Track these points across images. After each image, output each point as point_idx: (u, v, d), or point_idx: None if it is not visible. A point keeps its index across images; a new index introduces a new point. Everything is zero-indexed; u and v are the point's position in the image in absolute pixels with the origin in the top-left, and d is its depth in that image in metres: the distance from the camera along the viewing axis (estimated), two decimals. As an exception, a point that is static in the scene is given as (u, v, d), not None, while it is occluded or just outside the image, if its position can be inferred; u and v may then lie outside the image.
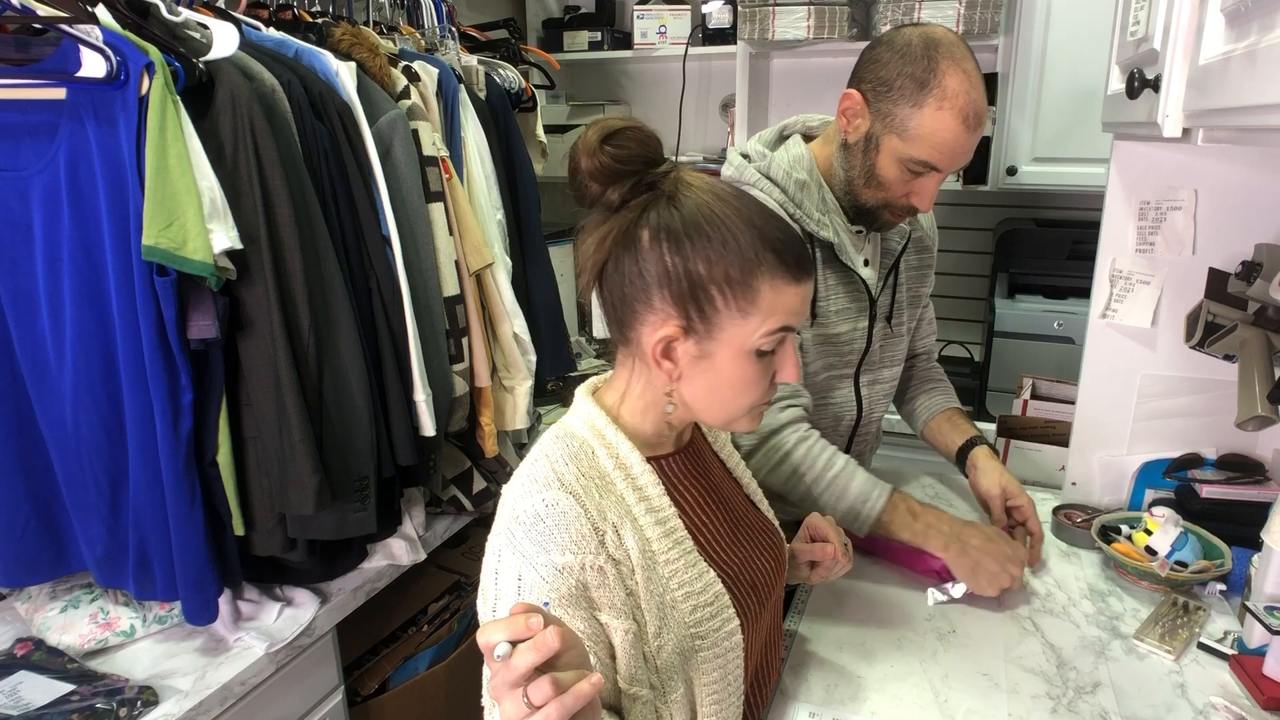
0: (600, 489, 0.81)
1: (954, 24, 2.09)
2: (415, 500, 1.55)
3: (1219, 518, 1.33)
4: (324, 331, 1.19)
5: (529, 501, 0.78)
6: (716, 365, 0.81)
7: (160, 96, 1.02)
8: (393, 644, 1.62)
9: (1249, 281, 1.17)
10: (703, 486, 0.93)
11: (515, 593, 0.76)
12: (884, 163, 1.17)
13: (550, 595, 0.74)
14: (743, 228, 0.78)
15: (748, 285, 0.78)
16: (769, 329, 0.79)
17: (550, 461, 0.81)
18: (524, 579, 0.75)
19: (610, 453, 0.84)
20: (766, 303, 0.78)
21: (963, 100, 1.10)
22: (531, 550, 0.76)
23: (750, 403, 0.84)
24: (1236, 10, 0.75)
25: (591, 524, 0.77)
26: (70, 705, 1.06)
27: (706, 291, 0.78)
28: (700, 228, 0.77)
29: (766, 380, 0.83)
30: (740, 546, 0.93)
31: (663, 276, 0.78)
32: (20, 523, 1.18)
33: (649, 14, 2.55)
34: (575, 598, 0.75)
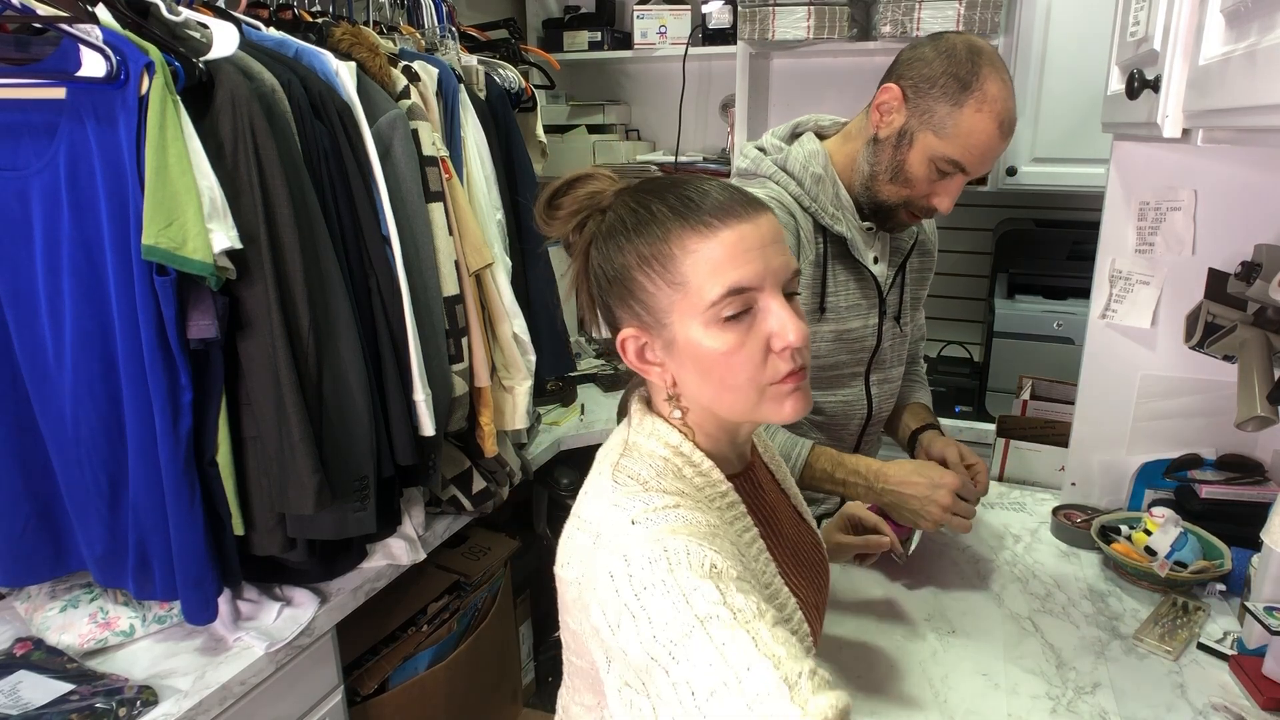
0: (694, 501, 0.75)
1: (954, 24, 2.09)
2: (415, 500, 1.55)
3: (1218, 518, 1.33)
4: (324, 331, 1.19)
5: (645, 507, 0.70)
6: (687, 349, 0.75)
7: (160, 96, 1.02)
8: (392, 644, 1.62)
9: (1248, 282, 1.17)
10: (767, 506, 0.90)
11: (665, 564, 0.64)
12: (915, 159, 1.19)
13: (707, 543, 0.66)
14: (648, 203, 0.76)
15: (662, 255, 0.73)
16: (715, 294, 0.72)
17: (640, 481, 0.75)
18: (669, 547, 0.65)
19: (696, 471, 0.79)
20: (689, 267, 0.72)
21: (1000, 106, 1.13)
22: (663, 531, 0.67)
23: (748, 380, 0.74)
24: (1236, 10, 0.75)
25: (709, 525, 0.71)
26: (70, 705, 1.06)
27: (634, 280, 0.75)
28: (614, 226, 0.77)
29: (753, 352, 0.74)
30: (803, 567, 0.90)
31: (606, 286, 0.78)
32: (20, 522, 1.18)
33: (649, 14, 2.55)
34: (729, 549, 0.69)
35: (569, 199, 0.80)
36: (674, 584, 0.62)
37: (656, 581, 0.63)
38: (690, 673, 0.58)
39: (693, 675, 0.58)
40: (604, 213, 0.79)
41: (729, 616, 0.60)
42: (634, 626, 0.63)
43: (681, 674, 0.59)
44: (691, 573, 0.63)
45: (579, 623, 0.74)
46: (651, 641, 0.61)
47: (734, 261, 0.72)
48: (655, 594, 0.63)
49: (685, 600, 0.61)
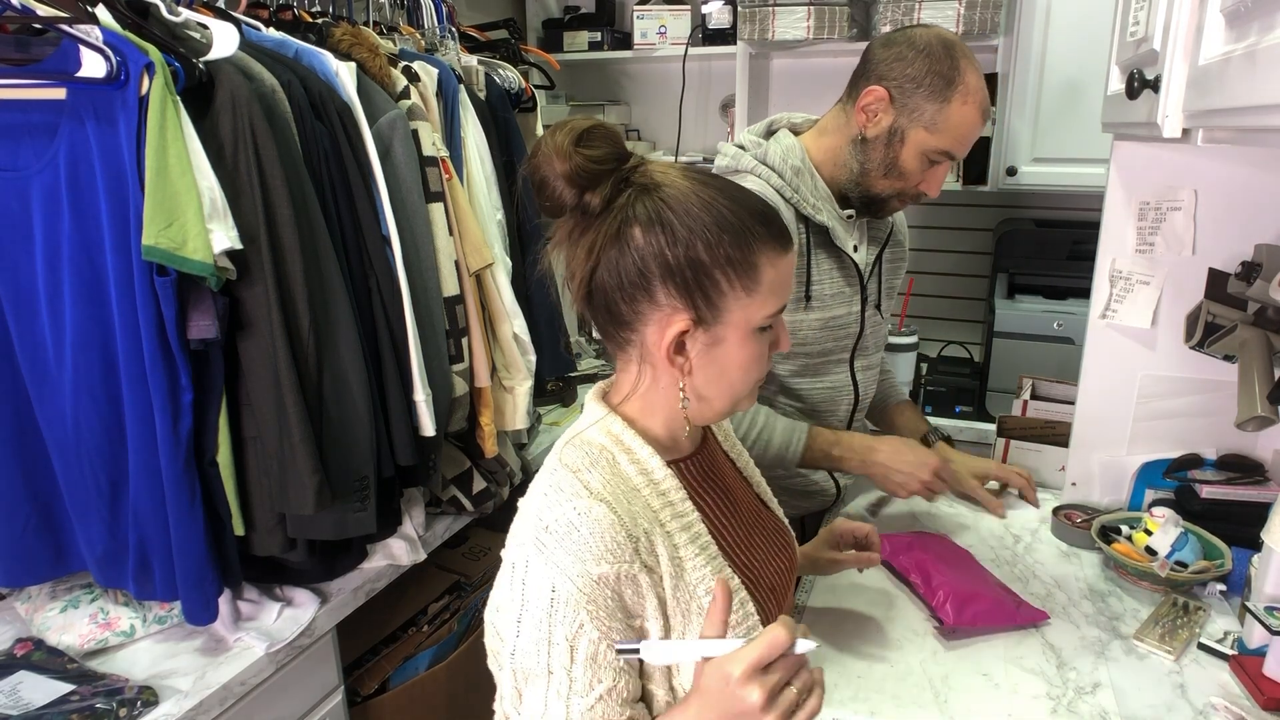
0: (627, 496, 0.78)
1: (954, 24, 2.09)
2: (415, 500, 1.55)
3: (1219, 518, 1.33)
4: (324, 331, 1.19)
5: (559, 510, 0.75)
6: (727, 350, 0.80)
7: (160, 96, 1.02)
8: (392, 644, 1.62)
9: (1249, 282, 1.17)
10: (719, 489, 0.92)
11: (548, 604, 0.73)
12: (908, 154, 1.25)
13: (587, 607, 0.72)
14: (731, 206, 0.77)
15: (748, 263, 0.77)
16: (772, 309, 0.80)
17: (572, 470, 0.79)
18: (558, 590, 0.73)
19: (631, 459, 0.82)
20: (767, 278, 0.78)
21: (980, 94, 1.22)
22: (566, 561, 0.73)
23: (755, 379, 0.84)
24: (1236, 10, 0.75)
25: (626, 531, 0.75)
26: (70, 705, 1.06)
27: (711, 277, 0.76)
28: (692, 213, 0.76)
29: (767, 355, 0.84)
30: (758, 549, 0.93)
31: (665, 270, 0.76)
32: (20, 522, 1.18)
33: (649, 14, 2.55)
34: (612, 609, 0.74)
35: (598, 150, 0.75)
36: (546, 626, 0.73)
37: (536, 612, 0.74)
38: (528, 700, 0.76)
39: (528, 705, 0.76)
40: (651, 189, 0.76)
41: (563, 680, 0.74)
42: (510, 631, 0.76)
43: (525, 695, 0.77)
44: (561, 626, 0.73)
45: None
46: (512, 656, 0.76)
47: (788, 282, 0.81)
48: (529, 622, 0.74)
49: (547, 645, 0.73)
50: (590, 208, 0.76)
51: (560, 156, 0.74)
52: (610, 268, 0.77)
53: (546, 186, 0.76)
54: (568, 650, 0.73)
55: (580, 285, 0.79)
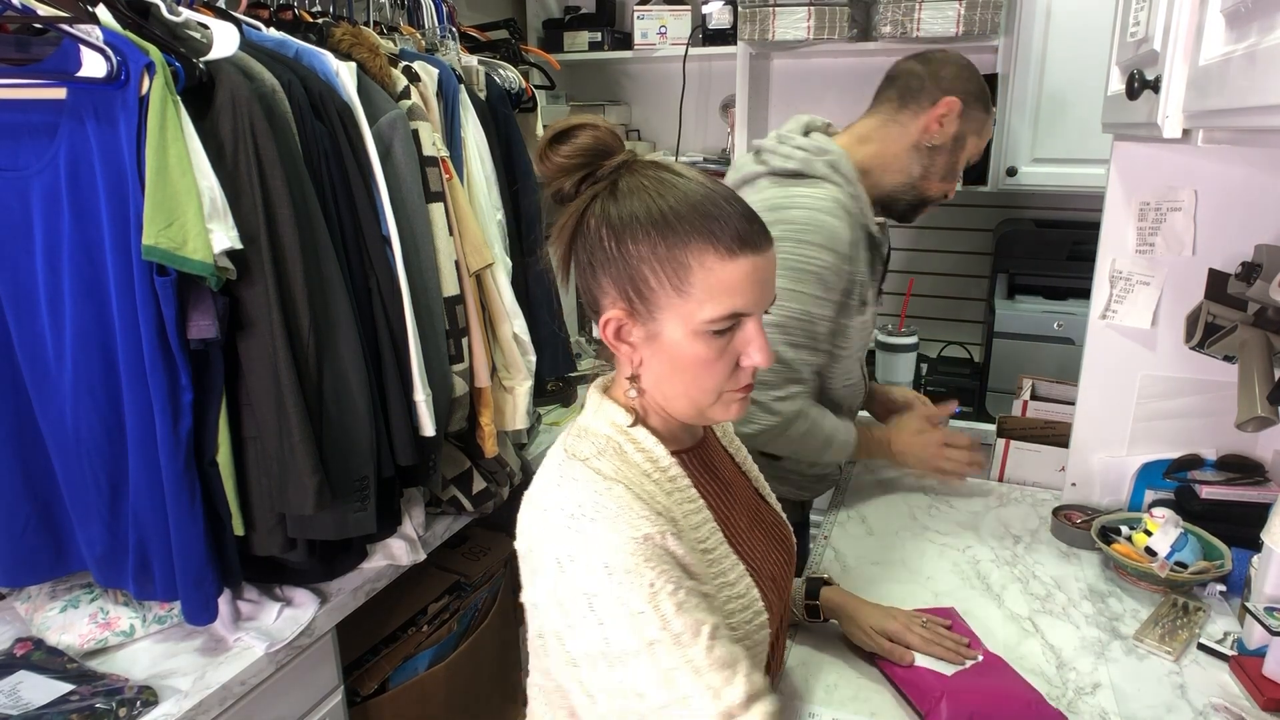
0: (636, 479, 0.80)
1: (954, 24, 2.09)
2: (415, 500, 1.55)
3: (1219, 518, 1.33)
4: (324, 331, 1.19)
5: (581, 495, 0.76)
6: (666, 346, 0.80)
7: (160, 96, 1.02)
8: (392, 644, 1.63)
9: (1249, 282, 1.16)
10: (719, 481, 0.94)
11: (609, 581, 0.71)
12: (962, 160, 1.41)
13: (647, 565, 0.72)
14: (676, 206, 0.77)
15: (678, 262, 0.77)
16: (714, 313, 0.77)
17: (581, 459, 0.80)
18: (612, 564, 0.72)
19: (638, 448, 0.83)
20: (700, 280, 0.77)
21: None
22: (606, 534, 0.73)
23: (714, 387, 0.81)
24: (1236, 11, 0.75)
25: (648, 504, 0.76)
26: (70, 705, 1.06)
27: (639, 271, 0.78)
28: (633, 211, 0.78)
29: (727, 364, 0.80)
30: (758, 541, 0.94)
31: (604, 261, 0.80)
32: (20, 522, 1.18)
33: (649, 14, 2.55)
34: (674, 564, 0.74)
35: (569, 146, 0.80)
36: (620, 602, 0.71)
37: (605, 594, 0.72)
38: (638, 682, 0.71)
39: (641, 688, 0.71)
40: (611, 184, 0.80)
41: (671, 642, 0.71)
42: (585, 625, 0.72)
43: (630, 683, 0.72)
44: (634, 594, 0.71)
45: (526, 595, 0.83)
46: (604, 643, 0.72)
47: (740, 289, 0.77)
48: (606, 605, 0.72)
49: (631, 620, 0.71)
50: (566, 194, 0.82)
51: (539, 153, 0.82)
52: (575, 254, 0.83)
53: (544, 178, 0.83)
54: (653, 612, 0.71)
55: (560, 268, 0.85)
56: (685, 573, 0.75)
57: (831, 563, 1.37)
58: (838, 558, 1.38)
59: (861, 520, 1.51)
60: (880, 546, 1.42)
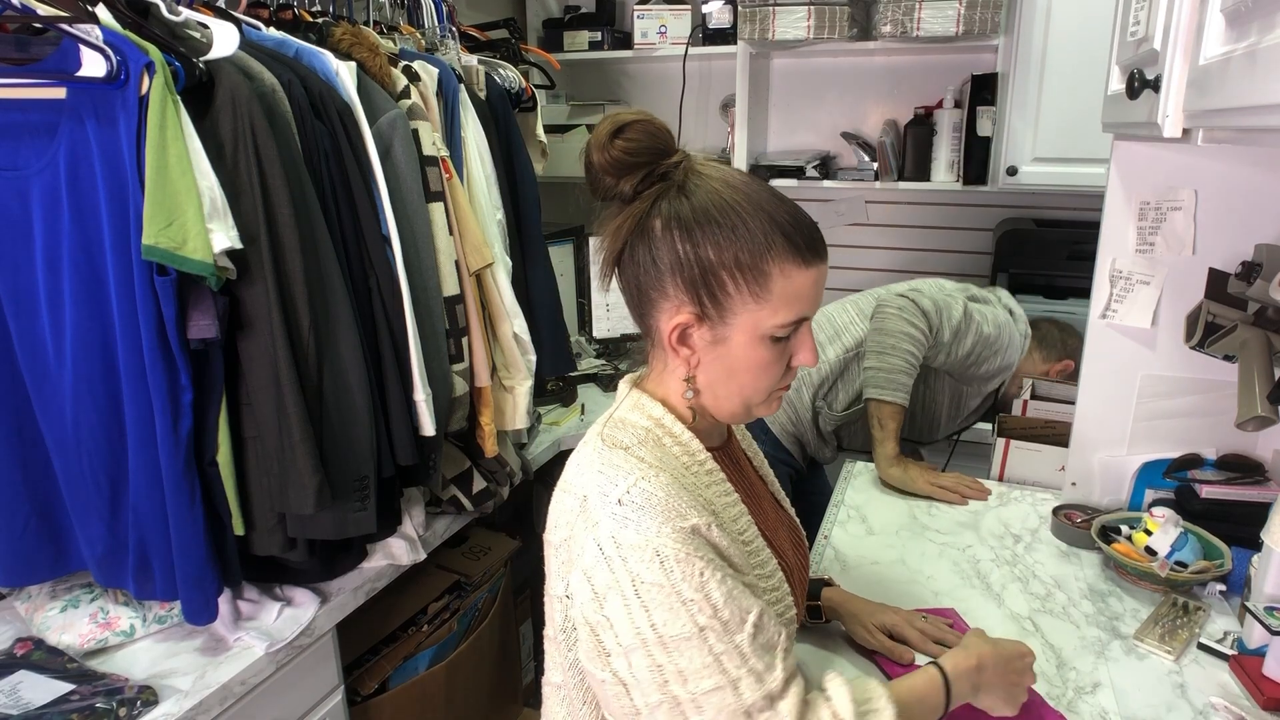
0: (679, 473, 0.81)
1: (954, 24, 2.09)
2: (415, 500, 1.55)
3: (1219, 518, 1.33)
4: (324, 331, 1.19)
5: (627, 482, 0.76)
6: (732, 350, 0.81)
7: (160, 96, 1.01)
8: (392, 644, 1.62)
9: (1249, 282, 1.17)
10: (746, 480, 0.96)
11: (660, 570, 0.72)
12: None
13: (697, 554, 0.73)
14: (752, 212, 0.78)
15: (758, 269, 0.78)
16: (785, 319, 0.80)
17: (623, 448, 0.81)
18: (663, 553, 0.72)
19: (675, 440, 0.85)
20: (779, 287, 0.79)
21: None
22: (656, 524, 0.73)
23: (768, 387, 0.84)
24: (1236, 10, 0.75)
25: (692, 496, 0.78)
26: (70, 705, 1.06)
27: (718, 277, 0.78)
28: (710, 214, 0.78)
29: (783, 365, 0.83)
30: (781, 540, 0.96)
31: (675, 264, 0.79)
32: (20, 522, 1.18)
33: (649, 14, 2.55)
34: (719, 555, 0.76)
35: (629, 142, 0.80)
36: (671, 589, 0.72)
37: (654, 582, 0.72)
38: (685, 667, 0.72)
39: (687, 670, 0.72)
40: (678, 187, 0.80)
41: (720, 629, 0.72)
42: (627, 612, 0.73)
43: (674, 666, 0.72)
44: (686, 582, 0.72)
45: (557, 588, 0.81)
46: (650, 630, 0.72)
47: (809, 295, 0.80)
48: (653, 593, 0.72)
49: (683, 607, 0.72)
50: (624, 195, 0.81)
51: (598, 147, 0.80)
52: (633, 253, 0.82)
53: (590, 170, 0.82)
54: (704, 600, 0.72)
55: (606, 264, 0.84)
56: (728, 563, 0.77)
57: (831, 562, 1.37)
58: (838, 557, 1.38)
59: (862, 520, 1.51)
60: (880, 546, 1.42)
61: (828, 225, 2.71)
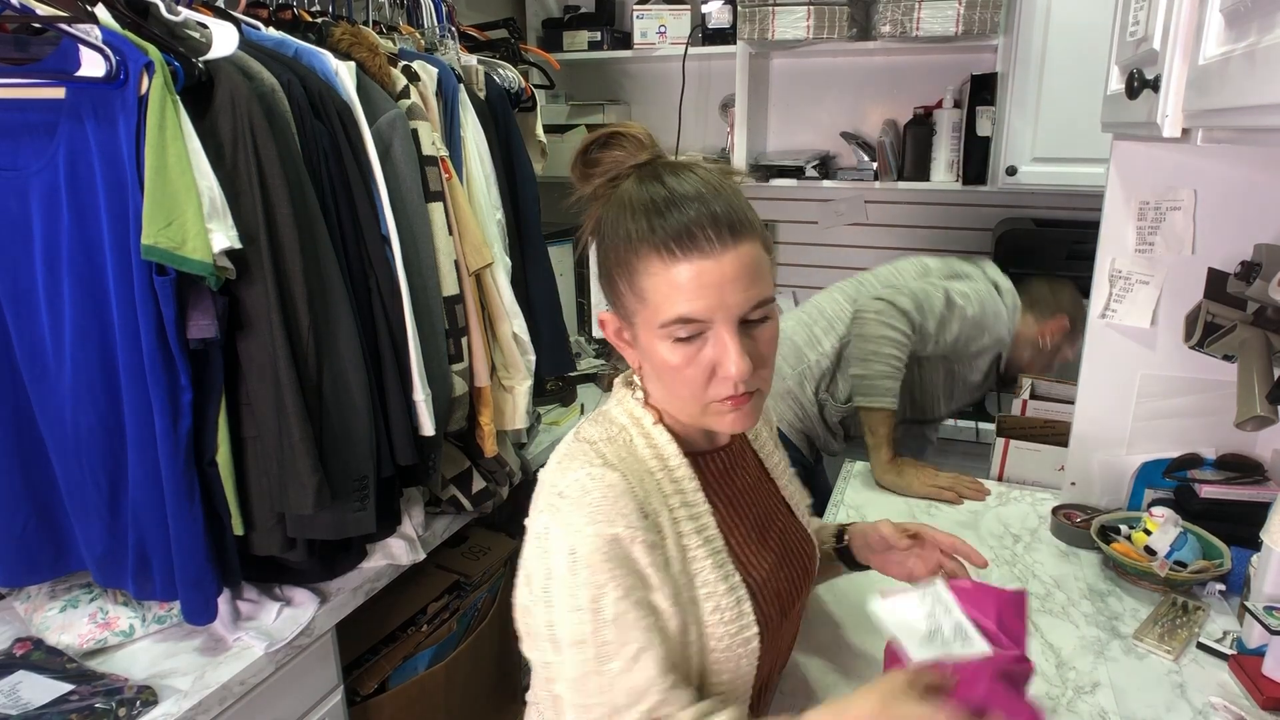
0: (636, 472, 0.80)
1: (954, 24, 2.09)
2: (414, 500, 1.55)
3: (1218, 518, 1.33)
4: (323, 331, 1.19)
5: (573, 475, 0.77)
6: (646, 349, 0.80)
7: (160, 96, 1.01)
8: (392, 644, 1.62)
9: (1248, 281, 1.17)
10: (737, 488, 0.92)
11: (570, 566, 0.74)
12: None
13: (606, 566, 0.73)
14: (636, 212, 0.77)
15: (630, 267, 0.77)
16: (666, 317, 0.75)
17: (589, 442, 0.82)
18: (577, 551, 0.74)
19: (649, 442, 0.84)
20: (649, 285, 0.76)
21: None
22: (580, 521, 0.74)
23: (690, 395, 0.79)
24: (1236, 10, 0.75)
25: (637, 502, 0.77)
26: (69, 705, 1.06)
27: (611, 277, 0.81)
28: (611, 216, 0.80)
29: (702, 371, 0.77)
30: (770, 552, 0.92)
31: (598, 265, 0.83)
32: (19, 522, 1.18)
33: (649, 14, 2.55)
34: (631, 570, 0.75)
35: (605, 156, 0.82)
36: (571, 591, 0.74)
37: (562, 578, 0.74)
38: (563, 671, 0.75)
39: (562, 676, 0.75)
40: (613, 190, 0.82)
41: (594, 648, 0.73)
42: (538, 601, 0.76)
43: (557, 665, 0.75)
44: (584, 589, 0.73)
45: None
46: (547, 627, 0.76)
47: (686, 294, 0.74)
48: (559, 589, 0.74)
49: (574, 613, 0.74)
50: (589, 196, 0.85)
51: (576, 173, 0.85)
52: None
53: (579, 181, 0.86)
54: (592, 615, 0.73)
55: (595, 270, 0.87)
56: (643, 583, 0.75)
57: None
58: (837, 557, 1.38)
59: (861, 519, 1.51)
60: (880, 546, 1.41)
61: (827, 225, 2.71)
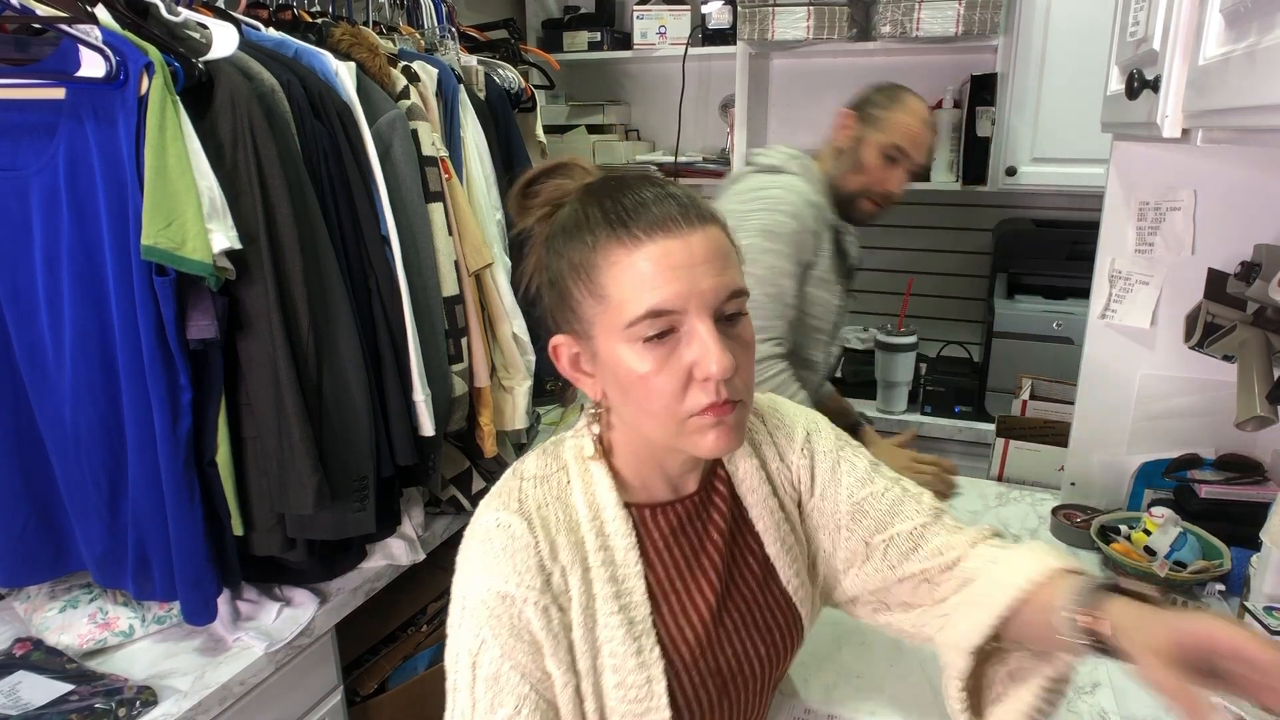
0: (560, 522, 0.74)
1: (953, 24, 2.09)
2: (414, 500, 1.55)
3: (1218, 518, 1.33)
4: (323, 331, 1.19)
5: (486, 516, 0.74)
6: (610, 364, 0.71)
7: (160, 96, 1.02)
8: (392, 644, 1.63)
9: (1248, 282, 1.17)
10: (691, 546, 0.81)
11: (460, 612, 0.72)
12: (867, 152, 1.57)
13: (489, 622, 0.70)
14: (588, 206, 0.71)
15: (587, 265, 0.70)
16: (632, 314, 0.67)
17: (521, 478, 0.77)
18: (467, 599, 0.71)
19: (586, 487, 0.77)
20: (609, 279, 0.68)
21: (919, 108, 1.57)
22: (475, 569, 0.72)
23: (665, 406, 0.69)
24: (1236, 10, 0.75)
25: (539, 559, 0.71)
26: (69, 705, 1.06)
27: (566, 287, 0.72)
28: (560, 224, 0.73)
29: (673, 379, 0.68)
30: (720, 625, 0.80)
31: (548, 287, 0.75)
32: (19, 522, 1.18)
33: (649, 14, 2.55)
34: (517, 631, 0.70)
35: (545, 187, 0.76)
36: (457, 636, 0.73)
37: (455, 621, 0.73)
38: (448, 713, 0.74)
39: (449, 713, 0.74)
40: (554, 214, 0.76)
41: (466, 701, 0.72)
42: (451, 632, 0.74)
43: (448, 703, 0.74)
44: (466, 640, 0.72)
45: None
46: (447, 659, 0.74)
47: (655, 280, 0.67)
48: (451, 629, 0.73)
49: (455, 659, 0.73)
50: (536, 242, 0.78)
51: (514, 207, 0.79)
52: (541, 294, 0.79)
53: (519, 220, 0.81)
54: (470, 665, 0.71)
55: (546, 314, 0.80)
56: (530, 646, 0.71)
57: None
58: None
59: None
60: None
61: (827, 225, 2.70)
